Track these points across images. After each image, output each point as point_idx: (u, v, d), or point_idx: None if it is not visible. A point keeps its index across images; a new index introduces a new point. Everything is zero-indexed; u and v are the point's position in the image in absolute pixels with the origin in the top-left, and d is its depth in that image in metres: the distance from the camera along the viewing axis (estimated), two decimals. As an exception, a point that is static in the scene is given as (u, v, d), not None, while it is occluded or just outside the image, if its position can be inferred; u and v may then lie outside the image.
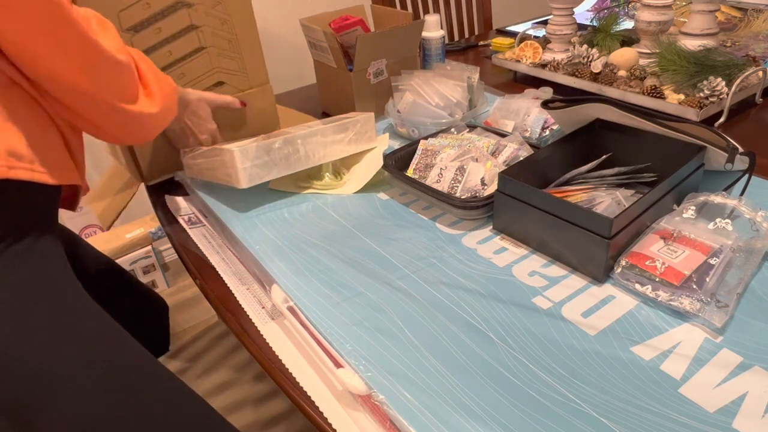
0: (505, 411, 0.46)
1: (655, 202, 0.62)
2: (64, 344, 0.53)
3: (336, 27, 1.05)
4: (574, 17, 1.18)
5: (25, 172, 0.50)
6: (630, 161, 0.71)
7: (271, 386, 1.25)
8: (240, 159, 0.72)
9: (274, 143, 0.75)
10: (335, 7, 1.13)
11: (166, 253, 1.69)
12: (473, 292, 0.59)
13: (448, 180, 0.74)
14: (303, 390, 0.52)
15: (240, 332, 0.60)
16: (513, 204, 0.65)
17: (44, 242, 0.55)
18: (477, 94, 0.99)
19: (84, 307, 0.57)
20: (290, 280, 0.63)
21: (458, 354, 0.52)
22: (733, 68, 0.94)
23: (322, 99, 1.15)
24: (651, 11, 1.04)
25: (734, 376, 0.48)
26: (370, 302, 0.59)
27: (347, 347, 0.53)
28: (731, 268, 0.57)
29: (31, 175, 0.51)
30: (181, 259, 0.76)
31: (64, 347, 0.53)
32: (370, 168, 0.81)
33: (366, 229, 0.72)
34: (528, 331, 0.54)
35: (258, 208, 0.79)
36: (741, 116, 0.96)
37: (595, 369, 0.49)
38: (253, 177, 0.74)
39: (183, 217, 0.83)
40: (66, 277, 0.57)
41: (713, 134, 0.67)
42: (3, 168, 0.48)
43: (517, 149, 0.78)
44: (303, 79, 1.27)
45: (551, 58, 1.17)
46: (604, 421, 0.45)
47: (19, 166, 0.50)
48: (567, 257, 0.62)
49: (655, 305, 0.56)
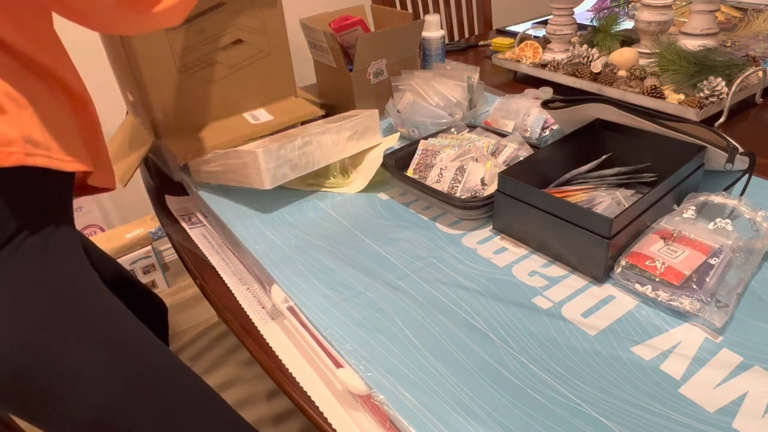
0: (505, 411, 0.46)
1: (655, 202, 0.62)
2: (85, 335, 0.54)
3: (336, 27, 1.05)
4: (574, 17, 1.18)
5: (43, 159, 0.50)
6: (630, 161, 0.71)
7: (271, 386, 1.25)
8: (264, 160, 0.72)
9: (293, 143, 0.75)
10: (335, 7, 1.13)
11: (166, 253, 1.69)
12: (473, 292, 0.59)
13: (448, 180, 0.74)
14: (303, 390, 0.52)
15: (240, 332, 0.60)
16: (513, 204, 0.65)
17: (63, 231, 0.55)
18: (477, 94, 0.99)
19: (103, 299, 0.58)
20: (290, 280, 0.63)
21: (458, 354, 0.52)
22: (733, 68, 0.94)
23: (322, 99, 1.15)
24: (651, 11, 1.04)
25: (734, 376, 0.48)
26: (370, 302, 0.59)
27: (347, 347, 0.53)
28: (731, 268, 0.57)
29: (48, 162, 0.50)
30: (181, 259, 0.76)
31: (84, 338, 0.53)
32: (374, 166, 0.81)
33: (366, 229, 0.72)
34: (528, 331, 0.54)
35: (258, 208, 0.79)
36: (741, 116, 0.96)
37: (595, 369, 0.49)
38: (276, 177, 0.74)
39: (183, 217, 0.83)
40: (85, 267, 0.57)
41: (713, 134, 0.67)
42: (20, 155, 0.48)
43: (517, 149, 0.78)
44: (303, 79, 1.27)
45: (551, 58, 1.17)
46: (604, 421, 0.45)
47: (37, 153, 0.49)
48: (567, 257, 0.62)
49: (655, 305, 0.56)
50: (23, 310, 0.50)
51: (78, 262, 0.56)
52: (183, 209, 0.85)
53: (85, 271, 0.57)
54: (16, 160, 0.47)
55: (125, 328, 0.59)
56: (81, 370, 0.53)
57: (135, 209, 1.74)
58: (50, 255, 0.53)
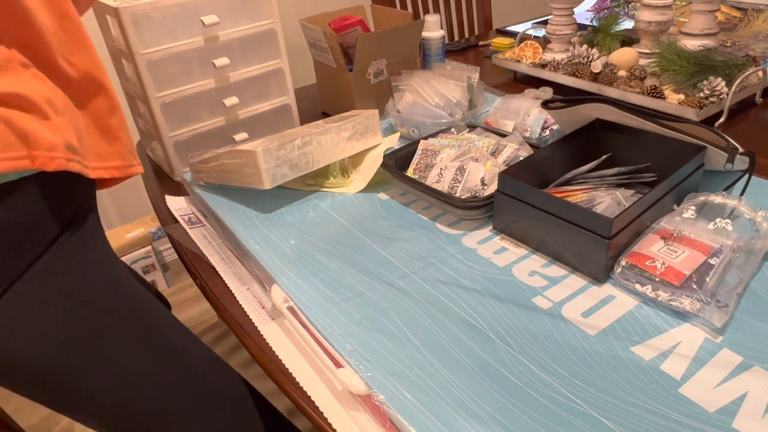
0: (505, 411, 0.46)
1: (655, 202, 0.62)
2: (127, 323, 0.58)
3: (336, 27, 1.05)
4: (574, 17, 1.18)
5: (77, 164, 0.53)
6: (630, 161, 0.71)
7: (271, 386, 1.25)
8: (264, 159, 0.72)
9: (293, 142, 0.75)
10: (335, 7, 1.13)
11: (166, 253, 1.69)
12: (473, 292, 0.59)
13: (448, 180, 0.74)
14: (303, 390, 0.52)
15: (240, 332, 0.60)
16: (513, 204, 0.65)
17: (96, 228, 0.59)
18: (477, 94, 0.99)
19: (137, 288, 0.62)
20: (290, 280, 0.63)
21: (458, 354, 0.52)
22: (733, 68, 0.94)
23: (322, 99, 1.15)
24: (651, 11, 1.04)
25: (734, 376, 0.48)
26: (370, 302, 0.59)
27: (347, 347, 0.53)
28: (731, 268, 0.57)
29: (81, 168, 0.53)
30: (181, 259, 0.76)
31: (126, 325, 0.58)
32: (374, 166, 0.81)
33: (366, 229, 0.72)
34: (528, 331, 0.54)
35: (258, 208, 0.79)
36: (741, 116, 0.96)
37: (595, 369, 0.49)
38: (275, 177, 0.74)
39: (183, 217, 0.83)
40: (117, 260, 0.61)
41: (713, 134, 0.67)
42: (62, 160, 0.50)
43: (517, 149, 0.78)
44: (303, 79, 1.27)
45: (551, 58, 1.17)
46: (604, 421, 0.45)
47: (74, 158, 0.52)
48: (567, 257, 0.62)
49: (655, 305, 0.56)
50: (75, 305, 0.54)
51: (113, 256, 0.61)
52: (183, 209, 0.85)
53: (120, 264, 0.62)
54: (58, 165, 0.50)
55: (162, 316, 0.63)
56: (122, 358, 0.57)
57: (135, 209, 1.75)
58: (91, 250, 0.57)
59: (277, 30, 0.91)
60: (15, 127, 0.47)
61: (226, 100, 0.91)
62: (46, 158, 0.49)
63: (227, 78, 0.89)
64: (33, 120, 0.49)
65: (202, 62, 0.86)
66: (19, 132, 0.48)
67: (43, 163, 0.49)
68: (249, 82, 0.92)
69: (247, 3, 0.87)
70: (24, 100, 0.48)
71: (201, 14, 0.83)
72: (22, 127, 0.48)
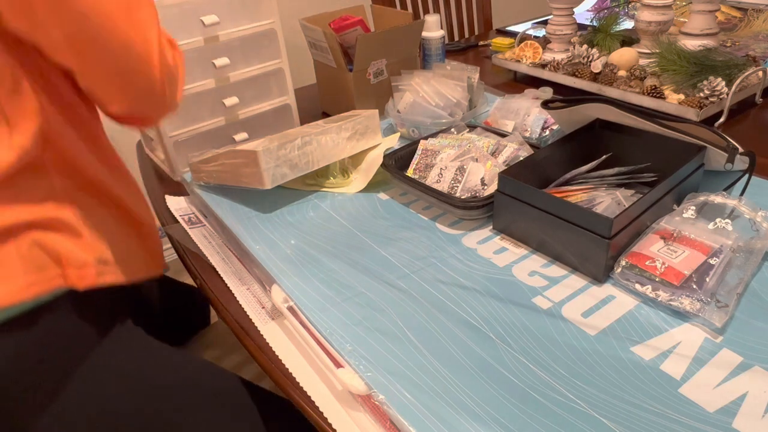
0: (505, 411, 0.46)
1: (655, 202, 0.62)
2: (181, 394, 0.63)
3: (336, 27, 1.05)
4: (574, 17, 1.18)
5: (112, 276, 0.56)
6: (630, 161, 0.71)
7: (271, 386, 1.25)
8: (264, 159, 0.72)
9: (293, 142, 0.75)
10: (335, 7, 1.13)
11: (166, 253, 1.69)
12: (473, 292, 0.59)
13: (448, 180, 0.74)
14: (303, 390, 0.52)
15: (240, 332, 0.60)
16: (513, 204, 0.65)
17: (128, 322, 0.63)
18: (477, 94, 0.99)
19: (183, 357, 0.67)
20: (290, 280, 0.63)
21: (458, 354, 0.52)
22: (733, 68, 0.94)
23: (322, 99, 1.15)
24: (651, 11, 1.04)
25: (734, 376, 0.48)
26: (370, 302, 0.59)
27: (347, 347, 0.53)
28: (731, 268, 0.57)
29: (116, 278, 0.57)
30: (181, 259, 0.76)
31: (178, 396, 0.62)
32: (374, 166, 0.81)
33: (366, 229, 0.72)
34: (528, 331, 0.54)
35: (258, 208, 0.79)
36: (741, 116, 0.96)
37: (595, 369, 0.49)
38: (275, 177, 0.74)
39: (183, 217, 0.83)
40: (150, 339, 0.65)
41: (713, 134, 0.67)
42: (93, 277, 0.54)
43: (517, 149, 0.78)
44: (303, 79, 1.27)
45: (551, 58, 1.17)
46: (604, 421, 0.45)
47: (107, 271, 0.56)
48: (567, 257, 0.62)
49: (655, 305, 0.56)
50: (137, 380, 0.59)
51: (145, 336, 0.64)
52: (183, 209, 0.85)
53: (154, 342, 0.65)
54: (89, 283, 0.54)
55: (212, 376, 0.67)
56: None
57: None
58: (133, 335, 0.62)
59: (277, 30, 0.91)
60: (49, 249, 0.51)
61: (226, 100, 0.90)
62: (77, 276, 0.53)
63: (227, 78, 0.89)
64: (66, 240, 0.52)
65: (202, 62, 0.86)
66: (52, 254, 0.51)
67: (74, 282, 0.52)
68: (249, 82, 0.92)
69: (247, 3, 0.87)
70: (58, 222, 0.52)
71: (201, 14, 0.83)
72: (54, 248, 0.51)
